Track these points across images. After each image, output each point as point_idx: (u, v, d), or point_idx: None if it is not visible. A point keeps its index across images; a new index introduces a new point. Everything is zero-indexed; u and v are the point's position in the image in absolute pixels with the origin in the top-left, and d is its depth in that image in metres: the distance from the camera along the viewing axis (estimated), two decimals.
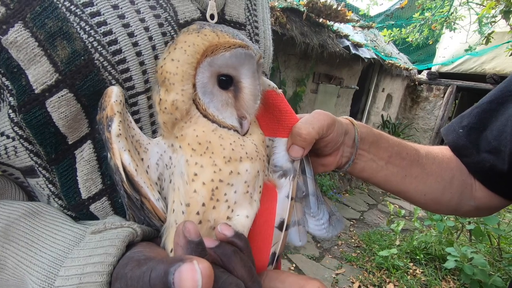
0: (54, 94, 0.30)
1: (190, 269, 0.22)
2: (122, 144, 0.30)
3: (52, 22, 0.29)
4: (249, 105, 0.35)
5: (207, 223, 0.32)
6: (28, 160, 0.34)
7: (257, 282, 0.30)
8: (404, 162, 0.54)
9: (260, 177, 0.36)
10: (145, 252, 0.28)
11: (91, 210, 0.35)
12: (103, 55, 0.31)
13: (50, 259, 0.29)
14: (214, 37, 0.32)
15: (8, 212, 0.33)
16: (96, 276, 0.26)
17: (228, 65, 0.32)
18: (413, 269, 2.89)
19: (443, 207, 0.58)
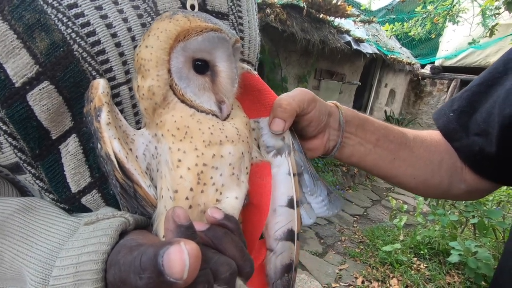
0: (35, 87, 0.30)
1: (177, 250, 0.22)
2: (112, 132, 0.31)
3: (30, 14, 0.29)
4: (227, 89, 0.35)
5: (197, 207, 0.33)
6: (13, 156, 0.34)
7: (248, 260, 0.31)
8: (392, 145, 0.54)
9: (246, 159, 0.36)
10: (137, 239, 0.29)
11: (83, 203, 0.35)
12: (82, 46, 0.31)
13: (45, 251, 0.30)
14: (185, 22, 0.32)
15: (1, 208, 0.33)
16: (92, 264, 0.27)
17: (202, 49, 0.32)
18: (417, 264, 2.88)
19: (433, 190, 0.58)
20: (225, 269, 0.28)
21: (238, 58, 0.38)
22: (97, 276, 0.27)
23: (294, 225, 0.40)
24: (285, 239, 0.40)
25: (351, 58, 4.86)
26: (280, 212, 0.40)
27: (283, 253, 0.41)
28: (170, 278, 0.22)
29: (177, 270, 0.22)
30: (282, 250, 0.41)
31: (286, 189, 0.41)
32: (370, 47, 4.74)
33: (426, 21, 4.98)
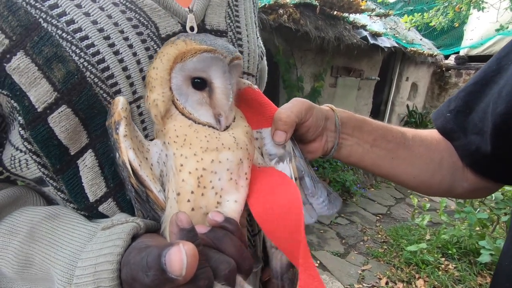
0: (54, 111, 0.34)
1: (177, 251, 0.26)
2: (128, 143, 0.35)
3: (48, 48, 0.33)
4: (222, 103, 0.38)
5: (199, 210, 0.36)
6: (37, 171, 0.38)
7: (247, 258, 0.34)
8: (390, 145, 0.54)
9: (245, 165, 0.39)
10: (146, 241, 0.32)
11: (100, 211, 0.39)
12: (93, 72, 0.35)
13: (69, 254, 0.33)
14: (183, 46, 0.36)
15: (31, 216, 0.38)
16: (108, 265, 0.31)
17: (197, 68, 0.36)
18: (445, 264, 2.77)
19: (435, 189, 0.58)
20: (224, 267, 0.31)
21: (237, 73, 0.40)
22: (112, 275, 0.30)
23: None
24: None
25: (368, 53, 4.74)
26: None
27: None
28: (172, 275, 0.26)
29: (176, 268, 0.26)
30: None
31: None
32: (388, 40, 4.60)
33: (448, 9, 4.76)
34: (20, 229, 0.37)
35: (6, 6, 0.32)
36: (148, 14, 0.39)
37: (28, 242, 0.36)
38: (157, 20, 0.39)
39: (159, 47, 0.39)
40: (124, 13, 0.37)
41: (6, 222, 0.38)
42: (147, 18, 0.38)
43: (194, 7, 0.42)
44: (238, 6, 0.49)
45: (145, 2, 0.38)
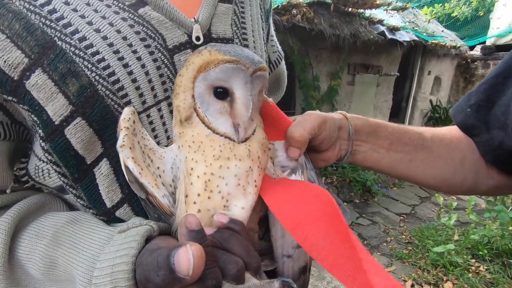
0: (70, 123, 0.36)
1: (184, 251, 0.28)
2: (125, 153, 0.36)
3: (63, 64, 0.35)
4: (242, 114, 0.38)
5: (207, 212, 0.37)
6: (58, 180, 0.40)
7: (254, 257, 0.35)
8: (407, 148, 0.53)
9: (254, 173, 0.40)
10: (158, 243, 0.34)
11: (117, 216, 0.41)
12: (105, 85, 0.37)
13: (89, 256, 0.35)
14: (207, 56, 0.37)
15: (55, 221, 0.40)
16: (124, 265, 0.33)
17: (219, 78, 0.37)
18: (475, 266, 2.63)
19: (457, 189, 0.56)
20: (232, 267, 0.32)
21: (260, 84, 0.40)
22: (128, 275, 0.32)
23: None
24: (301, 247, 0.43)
25: (387, 49, 4.61)
26: None
27: (299, 259, 0.45)
28: (180, 274, 0.28)
29: (184, 268, 0.27)
30: (299, 256, 0.45)
31: None
32: (407, 34, 4.45)
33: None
34: (45, 233, 0.39)
35: (25, 27, 0.34)
36: (155, 27, 0.40)
37: (52, 245, 0.38)
38: (164, 32, 0.41)
39: (166, 58, 0.41)
40: (132, 27, 0.39)
41: (33, 227, 0.41)
42: (154, 31, 0.40)
43: (199, 17, 0.43)
44: (244, 13, 0.50)
45: (152, 15, 0.40)
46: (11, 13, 0.34)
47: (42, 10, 0.35)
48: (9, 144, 0.41)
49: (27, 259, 0.39)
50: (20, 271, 0.39)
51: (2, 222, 0.39)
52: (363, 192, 4.02)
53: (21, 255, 0.39)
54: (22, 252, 0.39)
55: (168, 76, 0.41)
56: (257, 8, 0.53)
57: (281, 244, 0.46)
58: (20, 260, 0.39)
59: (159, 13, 0.41)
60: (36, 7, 0.35)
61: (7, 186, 0.42)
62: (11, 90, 0.35)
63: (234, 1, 0.49)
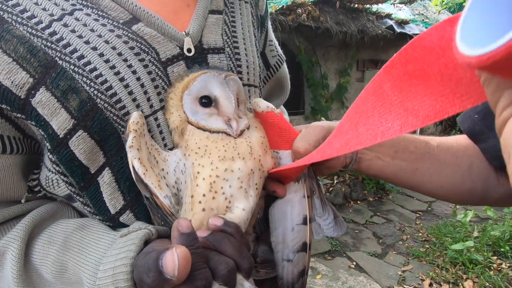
0: (73, 136, 0.39)
1: (170, 254, 0.30)
2: (133, 154, 0.39)
3: (64, 82, 0.38)
4: (227, 107, 0.42)
5: (211, 211, 0.40)
6: (66, 190, 0.43)
7: (246, 258, 0.36)
8: (413, 156, 0.52)
9: (256, 175, 0.42)
10: (154, 246, 0.36)
11: (121, 221, 0.44)
12: (103, 99, 0.39)
13: (94, 259, 0.38)
14: (186, 78, 0.43)
15: (65, 228, 0.43)
16: (123, 267, 0.35)
17: (199, 89, 0.42)
18: (497, 263, 2.54)
19: (466, 197, 0.54)
20: (223, 267, 0.33)
21: (235, 86, 0.44)
22: (127, 277, 0.34)
23: (307, 238, 0.46)
24: (300, 251, 0.46)
25: (396, 43, 4.52)
26: (297, 230, 0.47)
27: (298, 263, 0.46)
28: (167, 275, 0.30)
29: (170, 269, 0.29)
30: (298, 261, 0.46)
31: (301, 209, 0.47)
32: (417, 27, 4.36)
33: None
34: (56, 239, 0.42)
35: (28, 50, 0.37)
36: (149, 42, 0.42)
37: (63, 250, 0.41)
38: (157, 46, 0.43)
39: (160, 70, 0.43)
40: (126, 43, 0.41)
41: (45, 233, 0.43)
42: (147, 45, 0.42)
43: (190, 30, 0.45)
44: (235, 22, 0.51)
45: (145, 31, 0.42)
46: (16, 38, 0.37)
47: (43, 33, 0.38)
48: (22, 157, 0.43)
49: (40, 264, 0.41)
50: (35, 275, 0.42)
51: (17, 229, 0.42)
52: (376, 190, 3.96)
53: (35, 259, 0.42)
54: (36, 257, 0.42)
55: (163, 87, 0.43)
56: (248, 16, 0.54)
57: (281, 248, 0.47)
58: (35, 265, 0.42)
59: (151, 28, 0.43)
60: (38, 31, 0.38)
61: (21, 196, 0.45)
62: (19, 108, 0.38)
63: (224, 11, 0.50)
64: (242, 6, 0.53)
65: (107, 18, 0.41)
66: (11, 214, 0.44)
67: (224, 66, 0.48)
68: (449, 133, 6.23)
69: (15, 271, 0.40)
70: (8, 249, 0.40)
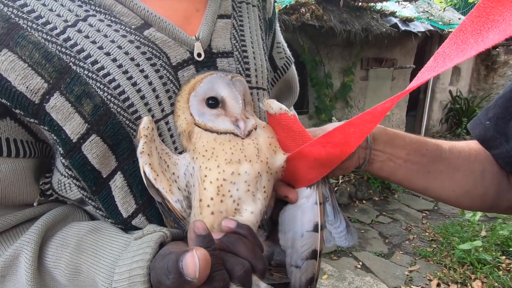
0: (86, 140, 0.39)
1: (191, 256, 0.30)
2: (144, 159, 0.39)
3: (78, 87, 0.38)
4: (234, 107, 0.42)
5: (220, 214, 0.40)
6: (78, 193, 0.43)
7: (260, 259, 0.36)
8: (425, 159, 0.52)
9: (263, 178, 0.42)
10: (170, 248, 0.36)
11: (133, 225, 0.44)
12: (116, 103, 0.40)
13: (109, 262, 0.38)
14: (193, 80, 0.43)
15: (78, 231, 0.43)
16: (139, 270, 0.35)
17: (206, 90, 0.42)
18: (506, 263, 2.51)
19: (478, 203, 0.54)
20: (239, 268, 0.34)
21: (241, 87, 0.44)
22: (144, 279, 0.35)
23: (317, 246, 0.45)
24: (310, 258, 0.45)
25: (401, 41, 4.49)
26: (307, 236, 0.46)
27: (307, 270, 0.45)
28: (188, 277, 0.30)
29: (191, 271, 0.29)
30: (307, 268, 0.46)
31: (313, 216, 0.46)
32: (421, 24, 4.32)
33: None
34: (69, 242, 0.42)
35: (43, 56, 0.38)
36: (160, 46, 0.43)
37: (76, 253, 0.41)
38: (168, 51, 0.43)
39: (171, 74, 0.43)
40: (138, 48, 0.41)
41: (58, 236, 0.43)
42: (159, 50, 0.42)
43: (200, 35, 0.46)
44: (243, 26, 0.51)
45: (156, 36, 0.43)
46: (31, 44, 0.37)
47: (58, 39, 0.38)
48: (34, 161, 0.44)
49: (54, 267, 0.41)
50: (49, 278, 0.42)
51: (30, 233, 0.42)
52: (382, 189, 3.93)
53: (48, 262, 0.42)
54: (49, 260, 0.42)
55: (174, 91, 0.44)
56: (255, 20, 0.54)
57: (290, 253, 0.47)
58: (48, 268, 0.42)
59: (162, 33, 0.43)
60: (52, 37, 0.38)
61: (34, 200, 0.46)
62: (32, 113, 0.38)
63: (232, 16, 0.51)
64: (249, 9, 0.54)
65: (120, 24, 0.42)
66: (24, 217, 0.44)
67: (233, 70, 0.48)
68: (454, 131, 6.17)
69: (29, 274, 0.40)
70: (22, 252, 0.41)
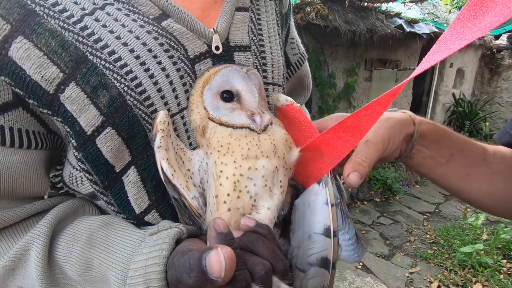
0: (101, 133, 0.38)
1: (216, 254, 0.29)
2: (161, 154, 0.38)
3: (94, 77, 0.37)
4: (250, 101, 0.41)
5: (237, 211, 0.39)
6: (90, 188, 0.42)
7: (280, 260, 0.35)
8: (468, 161, 0.50)
9: (280, 173, 0.41)
10: (188, 245, 0.35)
11: (146, 220, 0.43)
12: (132, 96, 0.39)
13: (123, 257, 0.37)
14: (207, 73, 0.42)
15: (89, 225, 0.42)
16: (156, 266, 0.34)
17: (220, 84, 0.41)
18: (507, 266, 2.50)
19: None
20: (260, 268, 0.33)
21: (257, 81, 0.43)
22: (160, 276, 0.33)
23: (329, 254, 0.41)
24: (319, 266, 0.41)
25: (405, 42, 4.47)
26: (315, 239, 0.41)
27: (314, 278, 0.42)
28: (212, 276, 0.28)
29: (216, 270, 0.28)
30: (315, 275, 0.42)
31: (322, 218, 0.42)
32: (426, 26, 4.30)
33: None
34: (80, 236, 0.41)
35: (60, 44, 0.36)
36: (178, 38, 0.42)
37: (88, 247, 0.40)
38: (186, 43, 0.42)
39: (188, 67, 0.42)
40: (156, 39, 0.40)
41: (69, 230, 0.42)
42: (176, 42, 0.42)
43: (218, 27, 0.45)
44: (260, 20, 0.50)
45: (174, 27, 0.42)
46: (48, 32, 0.36)
47: (75, 27, 0.37)
48: (46, 153, 0.43)
49: (65, 261, 0.41)
50: (59, 272, 0.41)
51: (41, 226, 0.41)
52: (383, 191, 3.92)
53: (59, 256, 0.41)
54: (60, 254, 0.41)
55: (191, 85, 0.43)
56: (272, 14, 0.53)
57: (296, 254, 0.44)
58: (58, 262, 0.41)
59: (180, 24, 0.42)
60: (69, 25, 0.37)
61: (44, 192, 0.45)
62: (46, 103, 0.37)
63: (250, 9, 0.50)
64: (267, 3, 0.53)
65: (138, 13, 0.41)
66: (34, 210, 0.43)
67: (249, 64, 0.47)
68: None
69: (39, 268, 0.39)
70: (32, 246, 0.40)
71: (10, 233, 0.42)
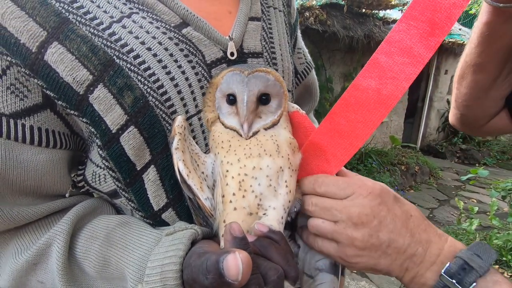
0: (125, 131, 0.40)
1: (233, 258, 0.30)
2: (178, 155, 0.40)
3: (120, 79, 0.40)
4: (240, 109, 0.42)
5: (243, 210, 0.40)
6: (113, 185, 0.44)
7: (292, 266, 0.36)
8: None
9: (285, 173, 0.41)
10: (204, 247, 0.37)
11: (163, 219, 0.45)
12: (155, 97, 0.41)
13: (139, 256, 0.39)
14: (220, 75, 0.44)
15: (107, 223, 0.44)
16: (172, 265, 0.35)
17: (225, 86, 0.43)
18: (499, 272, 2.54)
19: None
20: (273, 273, 0.33)
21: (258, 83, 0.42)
22: (176, 275, 0.35)
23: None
24: (327, 272, 0.43)
25: None
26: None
27: (322, 284, 0.43)
28: (229, 279, 0.29)
29: (233, 273, 0.29)
30: (323, 281, 0.43)
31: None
32: None
33: None
34: (99, 234, 0.43)
35: (90, 49, 0.39)
36: (196, 44, 0.44)
37: (106, 245, 0.41)
38: (203, 49, 0.45)
39: (205, 71, 0.45)
40: (177, 45, 0.43)
41: (87, 228, 0.44)
42: (195, 48, 0.44)
43: (233, 35, 0.47)
44: (272, 29, 0.53)
45: (193, 34, 0.44)
46: (80, 38, 0.39)
47: (103, 33, 0.40)
48: (69, 153, 0.45)
49: (83, 258, 0.42)
50: (77, 269, 0.43)
51: (63, 223, 0.42)
52: None
53: (78, 253, 0.42)
54: (79, 251, 0.42)
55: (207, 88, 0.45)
56: (282, 24, 0.56)
57: (303, 259, 0.46)
58: (77, 259, 0.42)
59: (199, 32, 0.45)
60: (99, 31, 0.40)
61: (65, 191, 0.47)
62: (75, 104, 0.39)
63: (262, 19, 0.52)
64: (277, 14, 0.55)
65: (160, 22, 0.43)
66: (56, 208, 0.45)
67: None
68: (451, 140, 6.24)
69: (60, 264, 0.40)
70: (54, 242, 0.41)
71: (33, 229, 0.43)
